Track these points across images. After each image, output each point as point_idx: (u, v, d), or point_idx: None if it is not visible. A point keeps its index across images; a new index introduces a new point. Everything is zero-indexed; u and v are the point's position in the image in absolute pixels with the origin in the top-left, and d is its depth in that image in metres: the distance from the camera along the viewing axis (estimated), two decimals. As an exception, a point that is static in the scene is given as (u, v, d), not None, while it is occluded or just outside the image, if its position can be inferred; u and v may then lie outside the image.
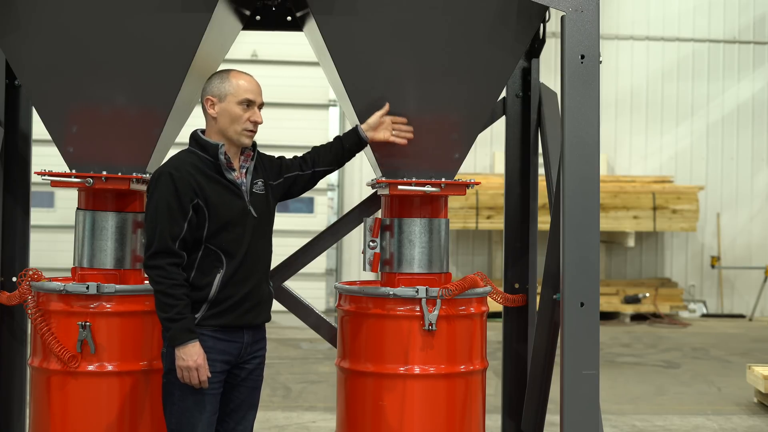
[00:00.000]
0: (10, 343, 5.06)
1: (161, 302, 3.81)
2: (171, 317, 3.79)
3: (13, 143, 5.04)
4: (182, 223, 3.85)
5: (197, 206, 3.88)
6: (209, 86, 4.03)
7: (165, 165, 3.95)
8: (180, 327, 3.79)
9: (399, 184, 4.38)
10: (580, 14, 4.02)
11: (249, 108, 4.01)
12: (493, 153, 15.34)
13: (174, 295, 3.80)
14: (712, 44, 16.17)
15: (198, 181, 3.89)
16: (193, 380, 3.81)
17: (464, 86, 4.36)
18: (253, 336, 4.05)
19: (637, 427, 7.79)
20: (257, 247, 4.02)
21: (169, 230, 3.83)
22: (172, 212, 3.84)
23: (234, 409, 4.05)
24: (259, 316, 4.06)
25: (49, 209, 14.78)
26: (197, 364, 3.79)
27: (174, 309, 3.79)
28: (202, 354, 3.82)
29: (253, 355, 4.06)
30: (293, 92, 14.59)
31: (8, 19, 4.24)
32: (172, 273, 3.82)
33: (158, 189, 3.87)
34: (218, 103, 3.99)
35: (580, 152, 4.01)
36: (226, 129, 3.99)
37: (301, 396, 8.82)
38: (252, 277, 4.00)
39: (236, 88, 3.99)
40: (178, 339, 3.79)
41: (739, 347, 12.35)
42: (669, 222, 14.76)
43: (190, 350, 3.79)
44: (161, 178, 3.88)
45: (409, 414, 4.35)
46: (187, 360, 3.79)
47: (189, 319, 3.82)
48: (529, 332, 5.19)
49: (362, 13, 4.24)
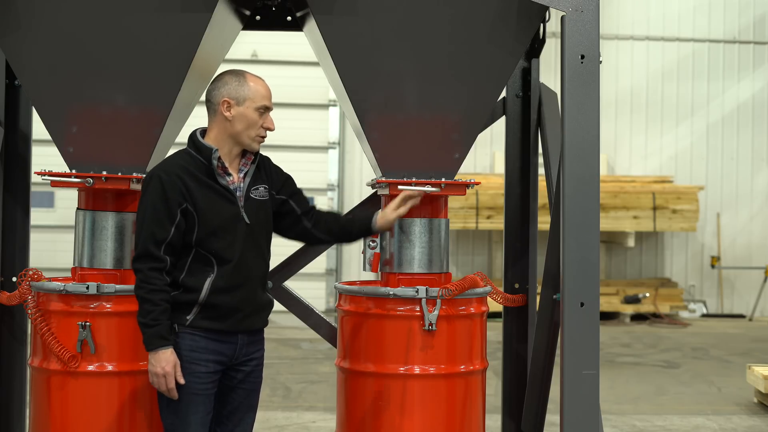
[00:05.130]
0: (10, 343, 5.06)
1: (140, 306, 3.80)
2: (146, 322, 3.77)
3: (13, 143, 5.04)
4: (169, 227, 3.80)
5: (186, 210, 3.83)
6: (225, 88, 3.92)
7: (157, 167, 3.91)
8: (153, 333, 3.76)
9: (399, 184, 4.38)
10: (580, 14, 4.02)
11: (264, 114, 3.95)
12: (493, 153, 15.34)
13: (151, 300, 3.77)
14: (712, 44, 16.16)
15: (187, 185, 3.83)
16: (161, 387, 3.78)
17: (464, 86, 4.36)
18: (249, 338, 3.99)
19: (637, 427, 7.79)
20: (251, 254, 3.95)
21: (153, 234, 3.79)
22: (158, 216, 3.80)
23: (232, 411, 4.02)
24: (255, 323, 4.01)
25: (49, 209, 14.77)
26: (165, 372, 3.76)
27: (150, 314, 3.76)
28: (173, 362, 3.78)
29: (249, 357, 4.00)
30: (293, 92, 14.58)
31: (8, 19, 4.24)
32: (150, 278, 3.77)
33: (148, 192, 3.84)
34: (236, 106, 3.90)
35: (580, 152, 4.01)
36: (239, 133, 3.92)
37: (301, 396, 8.82)
38: (246, 284, 3.93)
39: (255, 93, 3.92)
40: (150, 344, 3.77)
41: (739, 347, 12.35)
42: (669, 222, 14.76)
43: (161, 357, 3.76)
44: (152, 181, 3.84)
45: (409, 414, 4.35)
46: (156, 366, 3.76)
47: (163, 325, 3.77)
48: (529, 332, 5.19)
49: (362, 13, 4.24)
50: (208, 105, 3.96)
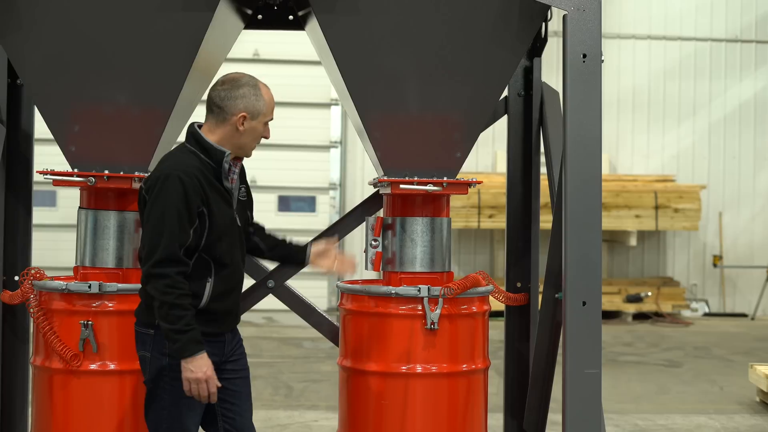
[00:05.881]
0: (12, 342, 5.06)
1: (168, 313, 3.64)
2: (179, 329, 3.65)
3: (15, 142, 5.04)
4: (189, 230, 3.72)
5: (201, 214, 3.76)
6: (243, 101, 3.82)
7: (170, 166, 3.78)
8: (189, 338, 3.65)
9: (401, 183, 4.38)
10: (582, 13, 4.02)
11: (266, 125, 3.93)
12: (495, 152, 15.33)
13: (181, 305, 3.66)
14: (714, 43, 16.15)
15: (204, 188, 3.76)
16: (203, 392, 3.70)
17: (466, 85, 4.36)
18: (231, 333, 4.02)
19: (639, 426, 7.79)
20: (241, 256, 3.98)
21: (178, 237, 3.68)
22: (181, 219, 3.69)
23: (235, 402, 4.02)
24: (235, 322, 4.05)
25: (52, 208, 14.78)
26: (207, 376, 3.68)
27: (182, 320, 3.65)
28: (211, 365, 3.71)
29: (235, 349, 4.03)
30: (295, 91, 14.58)
31: (10, 18, 4.24)
32: (178, 282, 3.67)
33: (167, 192, 3.70)
34: (250, 120, 3.84)
35: (582, 151, 4.01)
36: (245, 145, 3.88)
37: (303, 395, 8.82)
38: (237, 288, 3.96)
39: (268, 107, 3.87)
40: (187, 351, 3.66)
41: (742, 346, 12.34)
42: (671, 221, 14.75)
43: (199, 362, 3.67)
44: (170, 181, 3.70)
45: (411, 413, 4.36)
46: (197, 372, 3.66)
47: (197, 330, 3.69)
48: (531, 331, 5.19)
49: (364, 13, 4.24)
50: (216, 110, 3.84)
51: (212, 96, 3.87)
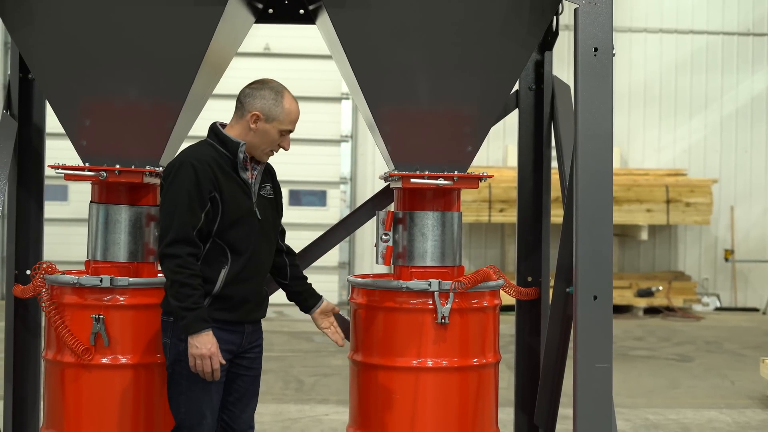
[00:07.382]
0: (24, 336, 5.07)
1: (177, 291, 3.83)
2: (187, 306, 3.81)
3: (27, 137, 5.05)
4: (200, 214, 3.90)
5: (213, 199, 3.93)
6: (260, 101, 4.01)
7: (185, 155, 3.97)
8: (195, 316, 3.82)
9: (412, 177, 4.38)
10: (594, 7, 4.01)
11: (284, 135, 4.06)
12: (505, 146, 15.32)
13: (190, 285, 3.83)
14: (726, 36, 16.10)
15: (216, 174, 3.94)
16: (206, 368, 3.84)
17: (477, 79, 4.35)
18: (252, 327, 4.14)
19: (650, 420, 7.79)
20: (262, 249, 4.09)
21: (190, 220, 3.87)
22: (192, 202, 3.87)
23: (238, 398, 4.14)
24: (258, 314, 4.16)
25: (63, 202, 14.83)
26: (210, 353, 3.83)
27: (190, 298, 3.82)
28: (215, 342, 3.86)
29: (253, 344, 4.15)
30: (306, 85, 14.59)
31: (21, 12, 4.25)
32: (189, 263, 3.85)
33: (179, 178, 3.89)
34: (263, 122, 4.00)
35: (594, 145, 4.00)
36: (256, 145, 4.04)
37: (313, 389, 8.83)
38: (255, 277, 4.07)
39: (286, 116, 4.02)
40: (192, 328, 3.82)
41: (753, 341, 12.32)
42: (682, 215, 14.72)
43: (204, 339, 3.83)
44: (182, 167, 3.90)
45: (422, 407, 4.36)
46: (201, 348, 3.82)
47: (203, 308, 3.86)
48: (542, 325, 5.18)
49: (375, 6, 4.24)
50: (238, 105, 4.05)
51: (240, 93, 4.07)
